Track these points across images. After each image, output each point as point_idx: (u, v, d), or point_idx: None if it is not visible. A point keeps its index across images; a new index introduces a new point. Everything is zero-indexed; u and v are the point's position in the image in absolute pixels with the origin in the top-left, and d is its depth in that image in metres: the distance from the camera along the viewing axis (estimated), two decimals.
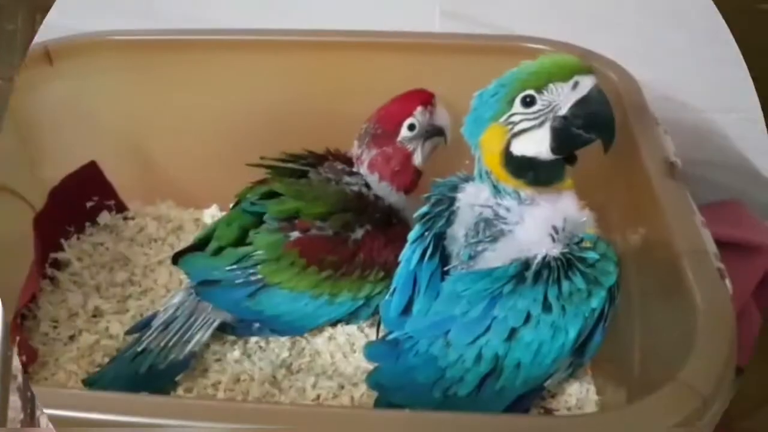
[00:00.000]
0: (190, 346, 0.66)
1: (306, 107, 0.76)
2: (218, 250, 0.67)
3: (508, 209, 0.56)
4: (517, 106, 0.53)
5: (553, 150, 0.54)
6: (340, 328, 0.70)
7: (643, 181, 0.54)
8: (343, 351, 0.68)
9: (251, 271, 0.66)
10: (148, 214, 0.84)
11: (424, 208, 0.61)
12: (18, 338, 0.66)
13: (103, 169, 0.80)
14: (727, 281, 0.44)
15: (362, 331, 0.70)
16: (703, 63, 0.84)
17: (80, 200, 0.80)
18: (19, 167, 0.75)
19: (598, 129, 0.53)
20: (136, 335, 0.67)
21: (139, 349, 0.65)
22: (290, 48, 0.78)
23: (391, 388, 0.58)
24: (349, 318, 0.69)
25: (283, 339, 0.69)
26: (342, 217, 0.67)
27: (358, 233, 0.67)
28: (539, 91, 0.53)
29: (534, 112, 0.53)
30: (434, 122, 0.70)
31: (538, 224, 0.55)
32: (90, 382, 0.64)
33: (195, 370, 0.66)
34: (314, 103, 0.76)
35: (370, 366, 0.64)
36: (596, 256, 0.53)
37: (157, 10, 0.84)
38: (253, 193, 0.69)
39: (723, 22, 0.79)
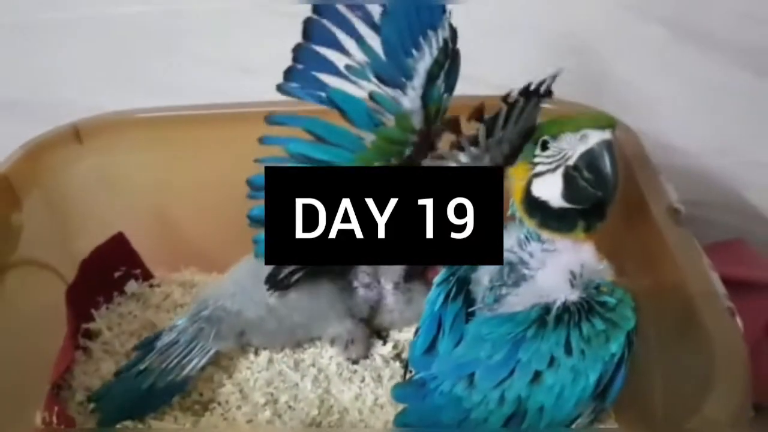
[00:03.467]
0: (186, 371, 0.70)
1: None
2: None
3: (531, 255, 0.59)
4: (538, 149, 0.57)
5: (564, 197, 0.57)
6: (366, 387, 0.72)
7: (651, 229, 0.57)
8: (370, 407, 0.70)
9: None
10: (173, 281, 0.87)
11: None
12: (56, 408, 0.68)
13: (130, 239, 0.83)
14: (738, 319, 0.47)
15: (388, 388, 0.71)
16: (696, 113, 0.88)
17: (109, 271, 0.83)
18: (50, 241, 0.78)
19: (596, 183, 0.55)
20: (140, 353, 0.73)
21: (142, 368, 0.70)
22: None
23: (418, 428, 0.59)
24: None
25: (312, 397, 0.71)
26: None
27: None
28: (553, 137, 0.56)
29: (548, 156, 0.57)
30: None
31: (557, 270, 0.58)
32: (97, 397, 0.70)
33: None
34: None
35: None
36: (614, 301, 0.55)
37: (175, 87, 0.89)
38: None
39: (713, 71, 0.85)
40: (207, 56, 0.89)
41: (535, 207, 0.58)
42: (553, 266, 0.59)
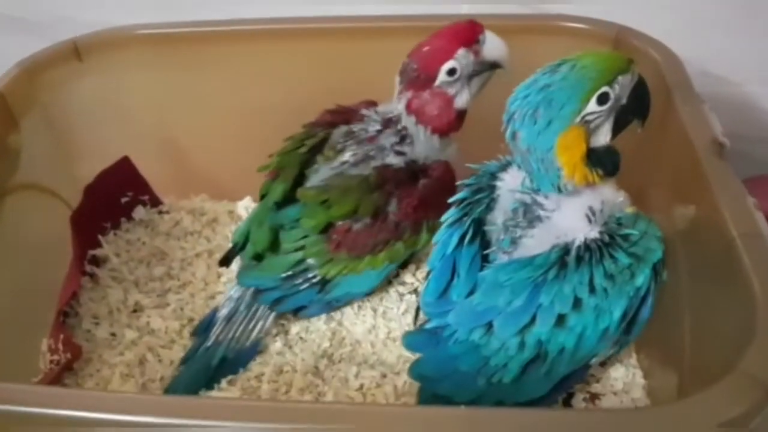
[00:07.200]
0: (255, 334, 0.68)
1: (334, 94, 0.75)
2: (258, 256, 0.68)
3: (546, 196, 0.56)
4: (593, 105, 0.52)
5: (611, 137, 0.54)
6: (380, 318, 0.70)
7: (691, 162, 0.52)
8: (383, 340, 0.68)
9: (310, 274, 0.67)
10: (183, 208, 0.85)
11: (463, 193, 0.60)
12: (62, 336, 0.66)
13: (137, 164, 0.80)
14: None
15: (401, 321, 0.70)
16: (740, 37, 0.81)
17: (115, 196, 0.80)
18: (52, 165, 0.75)
19: (643, 110, 0.54)
20: (201, 338, 0.69)
21: (209, 345, 0.67)
22: (317, 35, 0.77)
23: (435, 379, 0.57)
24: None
25: (323, 329, 0.69)
26: (370, 201, 0.65)
27: (393, 205, 0.66)
28: (611, 86, 0.52)
29: (608, 108, 0.53)
30: (483, 58, 0.64)
31: (575, 209, 0.55)
32: (170, 390, 0.65)
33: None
34: (341, 90, 0.75)
35: (411, 354, 0.64)
36: (638, 233, 0.53)
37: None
38: (274, 193, 0.68)
39: None
40: None
41: (601, 157, 0.54)
42: (570, 205, 0.55)
